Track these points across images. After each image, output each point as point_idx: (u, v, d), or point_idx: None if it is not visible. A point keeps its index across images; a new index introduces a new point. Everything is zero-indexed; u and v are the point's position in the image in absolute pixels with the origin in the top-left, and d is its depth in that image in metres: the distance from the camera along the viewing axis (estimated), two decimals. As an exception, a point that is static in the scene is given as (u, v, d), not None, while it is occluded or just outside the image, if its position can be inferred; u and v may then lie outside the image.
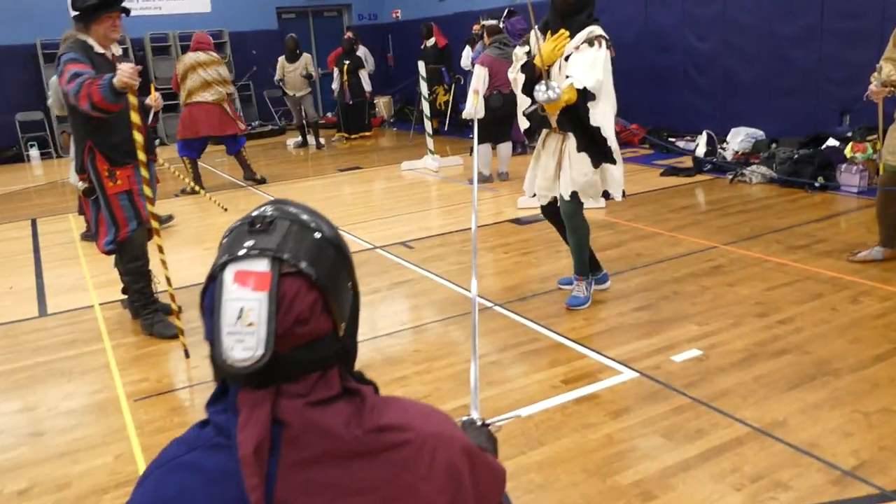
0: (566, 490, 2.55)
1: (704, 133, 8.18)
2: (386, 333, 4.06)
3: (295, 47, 11.27)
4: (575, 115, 3.73)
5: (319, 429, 0.99)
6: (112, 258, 4.31)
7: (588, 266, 4.15)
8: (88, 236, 6.18)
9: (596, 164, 3.87)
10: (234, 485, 0.95)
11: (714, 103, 9.02)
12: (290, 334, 0.97)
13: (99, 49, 3.86)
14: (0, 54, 12.72)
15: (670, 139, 9.17)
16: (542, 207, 4.26)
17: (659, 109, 9.77)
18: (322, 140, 11.94)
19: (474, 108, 6.84)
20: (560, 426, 2.97)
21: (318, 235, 1.02)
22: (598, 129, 3.75)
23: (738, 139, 8.17)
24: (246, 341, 0.94)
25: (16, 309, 4.94)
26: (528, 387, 3.33)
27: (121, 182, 3.93)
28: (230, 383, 1.01)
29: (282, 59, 11.37)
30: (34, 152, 12.83)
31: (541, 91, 3.57)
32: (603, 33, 3.75)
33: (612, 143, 3.85)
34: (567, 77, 3.67)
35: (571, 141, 3.86)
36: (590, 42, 3.69)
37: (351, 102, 12.17)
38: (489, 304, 4.38)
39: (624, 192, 4.02)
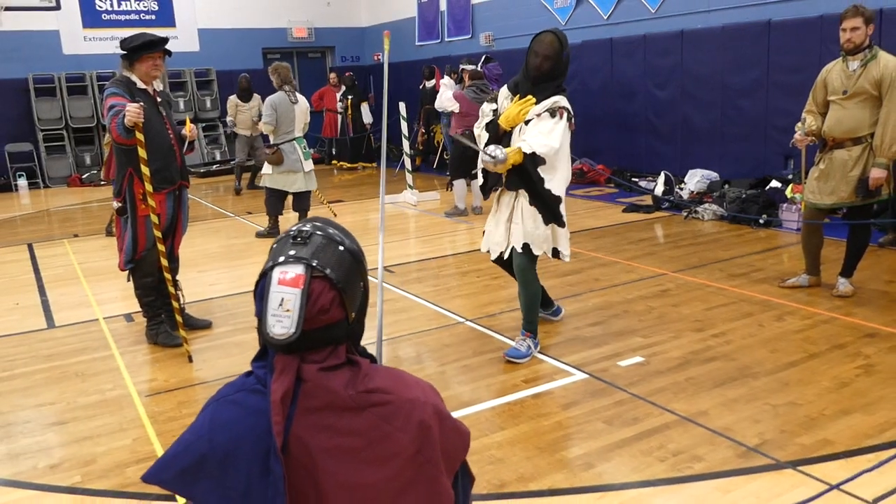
0: (521, 462, 3.05)
1: (662, 174, 8.85)
2: (370, 342, 4.53)
3: (248, 87, 11.18)
4: (524, 175, 3.87)
5: (325, 387, 1.39)
6: (124, 275, 4.72)
7: (536, 325, 4.21)
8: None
9: (546, 220, 3.98)
10: (265, 419, 1.36)
11: (673, 146, 9.74)
12: (314, 319, 1.35)
13: (141, 85, 4.30)
14: (-7, 88, 13.20)
15: (633, 179, 9.85)
16: (494, 260, 4.33)
17: (624, 151, 10.48)
18: (241, 186, 11.52)
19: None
20: (518, 415, 3.49)
21: (341, 248, 1.43)
22: (549, 191, 3.88)
23: (695, 180, 8.86)
24: (283, 322, 1.35)
25: (25, 322, 5.35)
26: (493, 385, 3.84)
27: (152, 206, 4.30)
28: (269, 348, 1.43)
29: (234, 97, 11.25)
30: (22, 182, 13.24)
31: (486, 154, 3.77)
32: (566, 105, 3.89)
33: (562, 208, 3.98)
34: (523, 141, 3.84)
35: (524, 196, 3.99)
36: (551, 112, 3.85)
37: (352, 134, 12.86)
38: (461, 320, 4.90)
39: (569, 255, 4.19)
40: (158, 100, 4.44)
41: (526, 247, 4.01)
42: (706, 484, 2.83)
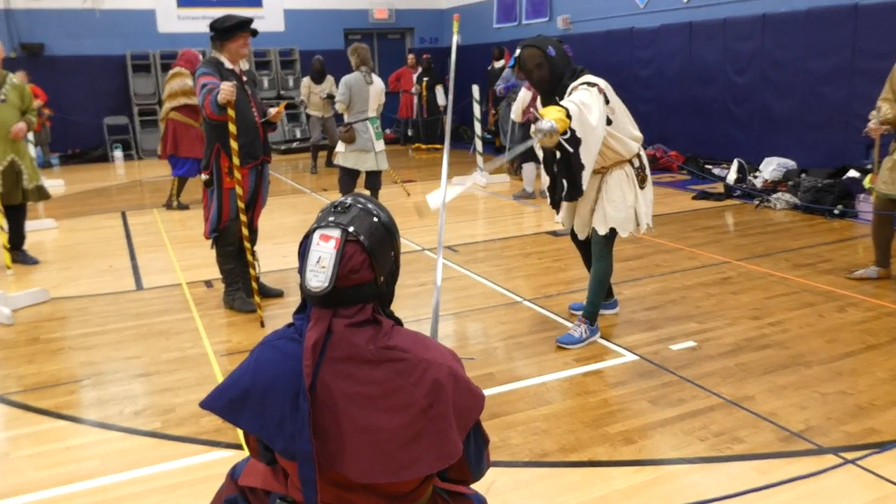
0: (564, 435, 3.19)
1: (735, 161, 8.70)
2: (429, 318, 4.74)
3: (321, 69, 11.25)
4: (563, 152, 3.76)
5: (349, 340, 1.59)
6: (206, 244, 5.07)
7: (597, 312, 4.22)
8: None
9: (569, 195, 3.94)
10: (298, 363, 1.57)
11: (750, 134, 9.53)
12: (346, 278, 1.57)
13: (228, 65, 4.61)
14: (94, 63, 13.98)
15: (707, 166, 9.69)
16: (573, 237, 4.42)
17: (699, 138, 10.31)
18: (316, 166, 11.83)
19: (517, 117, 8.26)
20: (567, 391, 3.62)
21: (375, 220, 1.63)
22: (577, 157, 3.72)
23: (770, 168, 8.67)
24: (319, 276, 1.56)
25: (117, 283, 5.80)
26: (544, 362, 3.98)
27: (238, 179, 4.55)
28: (308, 302, 1.64)
29: (307, 79, 11.37)
30: (118, 153, 14.03)
31: (538, 132, 3.56)
32: (584, 80, 3.83)
33: (587, 174, 3.82)
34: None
35: (607, 181, 4.03)
36: (569, 93, 3.82)
37: (426, 116, 13.06)
38: (519, 299, 5.04)
39: (649, 225, 4.20)
40: (244, 79, 4.72)
41: (612, 230, 4.07)
42: (744, 464, 2.91)
